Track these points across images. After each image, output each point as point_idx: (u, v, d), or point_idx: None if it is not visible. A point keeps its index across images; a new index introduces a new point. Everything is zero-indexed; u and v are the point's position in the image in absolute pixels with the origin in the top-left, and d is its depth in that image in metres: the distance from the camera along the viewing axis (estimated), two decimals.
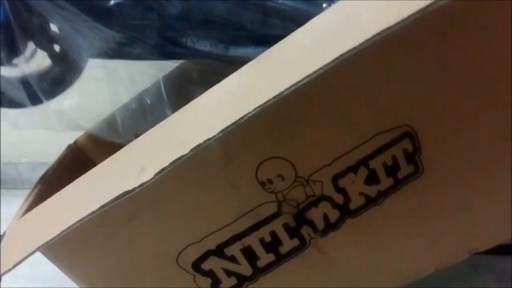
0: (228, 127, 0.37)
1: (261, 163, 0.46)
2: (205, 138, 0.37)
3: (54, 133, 0.59)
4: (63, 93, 0.62)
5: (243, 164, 0.45)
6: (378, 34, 0.33)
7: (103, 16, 0.52)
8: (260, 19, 0.49)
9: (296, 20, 0.44)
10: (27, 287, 0.46)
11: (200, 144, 0.38)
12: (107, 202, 0.40)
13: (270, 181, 0.47)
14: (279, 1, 0.49)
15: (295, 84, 0.35)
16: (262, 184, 0.47)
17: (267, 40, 0.44)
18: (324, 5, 0.49)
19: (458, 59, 0.42)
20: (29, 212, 0.51)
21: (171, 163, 0.38)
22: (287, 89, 0.35)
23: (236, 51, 0.49)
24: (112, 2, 0.52)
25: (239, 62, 0.43)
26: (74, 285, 0.54)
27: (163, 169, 0.39)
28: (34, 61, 0.60)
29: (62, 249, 0.48)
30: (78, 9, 0.51)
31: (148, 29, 0.53)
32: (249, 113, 0.36)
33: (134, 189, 0.40)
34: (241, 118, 0.36)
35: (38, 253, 0.45)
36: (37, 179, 0.63)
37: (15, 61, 0.58)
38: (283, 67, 0.40)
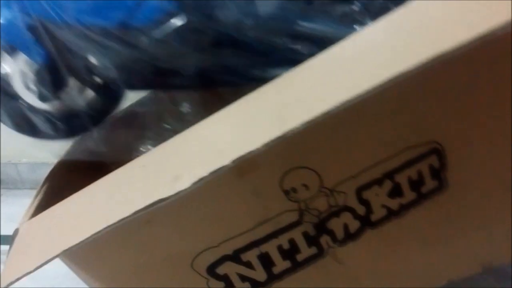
0: (272, 141, 0.36)
1: (287, 172, 0.45)
2: (247, 150, 0.37)
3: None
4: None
5: (269, 172, 0.45)
6: (433, 59, 0.33)
7: (142, 50, 0.53)
8: (291, 43, 0.49)
9: (328, 43, 0.44)
10: (28, 287, 0.45)
11: (242, 156, 0.37)
12: (141, 209, 0.39)
13: (294, 190, 0.46)
14: (308, 26, 0.49)
15: (346, 102, 0.34)
16: (286, 192, 0.46)
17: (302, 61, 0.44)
18: (355, 26, 0.49)
19: (489, 81, 0.42)
20: (40, 209, 0.50)
21: (211, 173, 0.38)
22: (337, 107, 0.34)
23: (275, 72, 0.49)
24: (149, 39, 0.52)
25: None
26: (76, 285, 0.53)
27: (201, 179, 0.38)
28: (76, 93, 0.61)
29: (77, 250, 0.46)
30: (117, 46, 0.52)
31: (186, 59, 0.53)
32: (296, 128, 0.35)
33: (169, 197, 0.39)
34: (287, 133, 0.36)
35: None
36: (46, 175, 0.61)
37: (58, 94, 0.60)
38: (326, 82, 0.39)
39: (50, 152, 0.63)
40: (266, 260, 0.50)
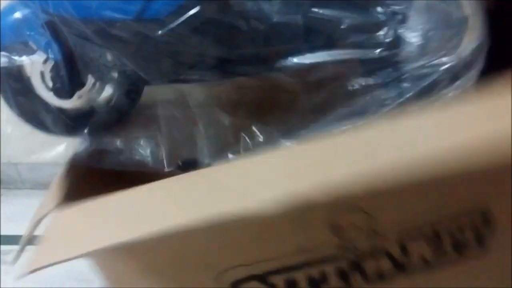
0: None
1: (340, 209, 0.45)
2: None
3: None
4: None
5: (322, 205, 0.44)
6: None
7: (160, 42, 0.52)
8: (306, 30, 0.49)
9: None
10: (29, 287, 0.44)
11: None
12: (211, 221, 0.40)
13: (342, 227, 0.46)
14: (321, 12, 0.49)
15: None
16: (333, 227, 0.46)
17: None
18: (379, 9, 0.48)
19: None
20: (68, 197, 0.48)
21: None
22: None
23: (292, 61, 0.49)
24: (165, 30, 0.51)
25: None
26: (77, 285, 0.52)
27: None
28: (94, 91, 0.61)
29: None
30: (135, 38, 0.52)
31: (204, 50, 0.53)
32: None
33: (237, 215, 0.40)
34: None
35: None
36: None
37: (75, 91, 0.59)
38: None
39: (57, 153, 0.60)
40: (292, 286, 0.50)
